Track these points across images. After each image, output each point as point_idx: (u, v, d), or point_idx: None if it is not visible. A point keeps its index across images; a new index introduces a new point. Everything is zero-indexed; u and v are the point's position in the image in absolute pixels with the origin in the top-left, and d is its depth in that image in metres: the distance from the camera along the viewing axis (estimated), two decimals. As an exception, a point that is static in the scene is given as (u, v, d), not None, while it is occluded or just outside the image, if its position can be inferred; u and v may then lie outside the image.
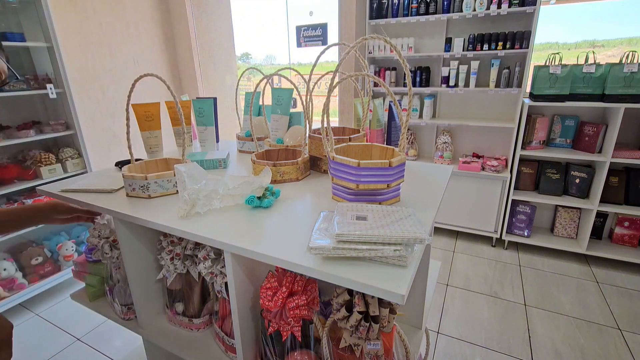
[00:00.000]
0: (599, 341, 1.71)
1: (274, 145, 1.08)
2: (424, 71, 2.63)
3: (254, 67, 1.32)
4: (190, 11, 3.18)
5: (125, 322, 1.01)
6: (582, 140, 2.30)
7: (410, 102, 0.73)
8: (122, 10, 2.75)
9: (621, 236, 2.33)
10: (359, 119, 1.08)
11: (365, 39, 0.71)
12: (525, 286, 2.15)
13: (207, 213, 0.73)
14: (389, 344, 0.68)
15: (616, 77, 2.02)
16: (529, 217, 2.47)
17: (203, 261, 0.82)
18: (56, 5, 2.26)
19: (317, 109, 0.95)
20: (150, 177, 0.81)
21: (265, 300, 0.66)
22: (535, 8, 2.13)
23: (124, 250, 0.86)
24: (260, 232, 0.66)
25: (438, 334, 1.79)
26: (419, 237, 0.52)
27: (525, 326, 1.82)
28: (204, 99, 1.24)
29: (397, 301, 0.48)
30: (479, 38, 2.36)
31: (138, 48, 2.91)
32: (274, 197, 0.77)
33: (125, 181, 0.84)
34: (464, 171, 2.52)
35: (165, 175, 0.83)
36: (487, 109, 2.67)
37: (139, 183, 0.82)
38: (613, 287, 2.12)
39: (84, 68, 2.53)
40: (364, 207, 0.65)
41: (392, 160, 0.69)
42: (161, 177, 0.83)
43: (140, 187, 0.82)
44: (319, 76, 1.10)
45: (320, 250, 0.54)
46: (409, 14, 2.50)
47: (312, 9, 3.58)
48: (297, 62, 4.05)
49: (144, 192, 0.83)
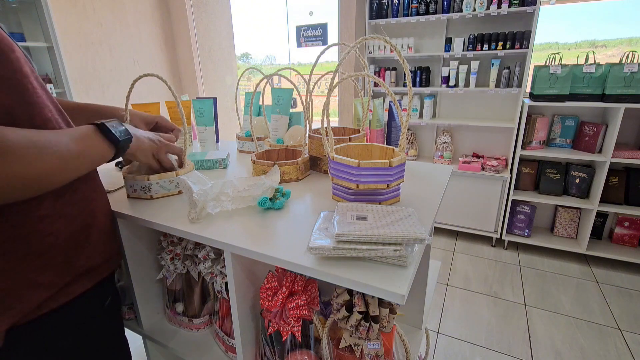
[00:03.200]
0: (599, 341, 1.71)
1: (274, 145, 1.08)
2: (424, 71, 2.63)
3: (254, 67, 1.32)
4: (190, 11, 3.18)
5: (125, 322, 1.01)
6: (582, 140, 2.30)
7: (410, 102, 0.73)
8: (122, 10, 2.75)
9: (621, 236, 2.33)
10: (359, 119, 1.08)
11: (365, 39, 0.71)
12: (525, 286, 2.15)
13: (214, 216, 0.73)
14: (389, 344, 0.68)
15: (616, 77, 2.02)
16: (529, 217, 2.47)
17: (203, 261, 0.82)
18: (56, 5, 2.26)
19: (317, 109, 0.95)
20: (153, 178, 0.81)
21: (265, 300, 0.66)
22: (535, 8, 2.13)
23: (126, 251, 0.86)
24: (260, 232, 0.66)
25: (438, 334, 1.79)
26: (419, 237, 0.52)
27: (525, 326, 1.82)
28: (204, 99, 1.24)
29: (397, 301, 0.48)
30: (479, 38, 2.36)
31: (138, 48, 2.91)
32: (284, 198, 0.76)
33: (126, 182, 0.84)
34: (464, 171, 2.52)
35: (166, 176, 0.83)
36: (487, 109, 2.67)
37: (141, 184, 0.82)
38: (613, 287, 2.12)
39: (84, 68, 2.53)
40: (364, 207, 0.65)
41: (392, 160, 0.69)
42: (163, 177, 0.83)
43: (141, 188, 0.82)
44: (319, 76, 1.10)
45: (320, 250, 0.54)
46: (409, 14, 2.50)
47: (312, 9, 3.58)
48: (297, 62, 4.05)
49: (146, 193, 0.83)
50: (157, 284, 0.98)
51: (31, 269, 0.53)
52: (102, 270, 0.66)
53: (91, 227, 0.62)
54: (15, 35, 1.92)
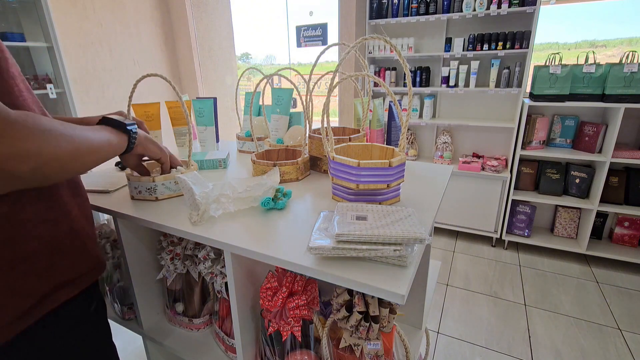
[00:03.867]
0: (599, 341, 1.71)
1: (274, 145, 1.08)
2: (424, 71, 2.63)
3: (254, 67, 1.32)
4: (190, 11, 3.18)
5: (125, 322, 1.01)
6: (582, 140, 2.30)
7: (410, 102, 0.73)
8: (122, 10, 2.75)
9: (621, 236, 2.33)
10: (359, 119, 1.08)
11: (365, 39, 0.71)
12: (525, 286, 2.15)
13: (216, 217, 0.72)
14: (389, 344, 0.68)
15: (616, 77, 2.02)
16: (529, 217, 2.47)
17: (203, 261, 0.82)
18: (56, 5, 2.26)
19: (317, 109, 0.95)
20: (158, 179, 0.81)
21: (265, 300, 0.66)
22: (535, 8, 2.13)
23: (126, 251, 0.86)
24: (260, 232, 0.66)
25: (438, 334, 1.79)
26: (419, 237, 0.52)
27: (525, 326, 1.82)
28: (204, 99, 1.24)
29: (397, 301, 0.48)
30: (479, 38, 2.36)
31: (138, 48, 2.91)
32: (285, 198, 0.76)
33: (131, 184, 0.83)
34: (464, 171, 2.52)
35: (169, 177, 0.83)
36: (487, 109, 2.67)
37: (146, 185, 0.82)
38: (613, 287, 2.12)
39: (84, 68, 2.53)
40: (364, 207, 0.65)
41: (392, 160, 0.69)
42: (168, 178, 0.83)
43: (147, 189, 0.82)
44: (319, 76, 1.10)
45: (320, 250, 0.54)
46: (409, 14, 2.50)
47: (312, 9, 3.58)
48: (297, 62, 4.05)
49: (151, 195, 0.83)
50: (157, 284, 0.98)
51: (17, 276, 0.52)
52: (87, 278, 0.64)
53: (75, 232, 0.60)
54: (15, 35, 1.92)
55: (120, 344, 1.77)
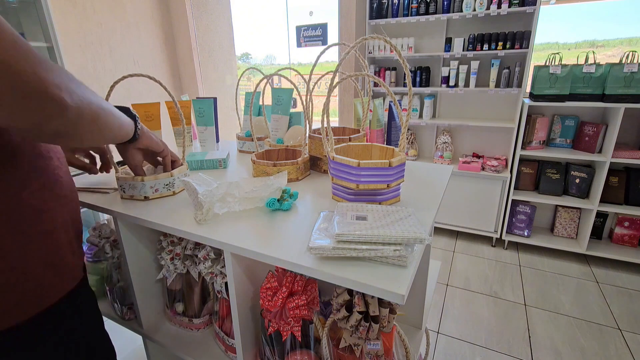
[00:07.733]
0: (599, 341, 1.71)
1: (274, 145, 1.08)
2: (424, 71, 2.63)
3: (254, 67, 1.32)
4: (190, 11, 3.18)
5: (125, 322, 1.01)
6: (582, 140, 2.30)
7: (410, 102, 0.73)
8: (122, 11, 2.75)
9: (621, 236, 2.33)
10: (359, 119, 1.08)
11: (365, 39, 0.71)
12: (525, 286, 2.15)
13: (219, 216, 0.72)
14: (389, 344, 0.68)
15: (616, 77, 2.02)
16: (529, 217, 2.47)
17: (203, 261, 0.82)
18: (56, 5, 2.26)
19: (317, 109, 0.95)
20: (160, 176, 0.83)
21: (265, 300, 0.66)
22: (535, 8, 2.13)
23: (126, 251, 0.86)
24: (260, 232, 0.66)
25: (438, 334, 1.79)
26: (419, 237, 0.52)
27: (525, 326, 1.82)
28: (204, 99, 1.24)
29: (397, 301, 0.48)
30: (479, 38, 2.36)
31: (138, 48, 2.91)
32: (292, 199, 0.76)
33: (129, 183, 0.83)
34: (464, 171, 2.52)
35: (160, 177, 0.83)
36: (487, 109, 2.67)
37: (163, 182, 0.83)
38: (613, 287, 2.12)
39: (84, 68, 2.53)
40: (364, 207, 0.65)
41: (392, 160, 0.69)
42: (159, 178, 0.83)
43: (164, 186, 0.83)
44: (319, 76, 1.10)
45: (320, 250, 0.54)
46: (409, 14, 2.50)
47: (312, 9, 3.58)
48: (297, 62, 4.05)
49: (169, 190, 0.85)
50: (157, 284, 0.98)
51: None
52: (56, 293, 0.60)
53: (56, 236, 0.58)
54: (15, 35, 1.91)
55: (120, 344, 1.76)
